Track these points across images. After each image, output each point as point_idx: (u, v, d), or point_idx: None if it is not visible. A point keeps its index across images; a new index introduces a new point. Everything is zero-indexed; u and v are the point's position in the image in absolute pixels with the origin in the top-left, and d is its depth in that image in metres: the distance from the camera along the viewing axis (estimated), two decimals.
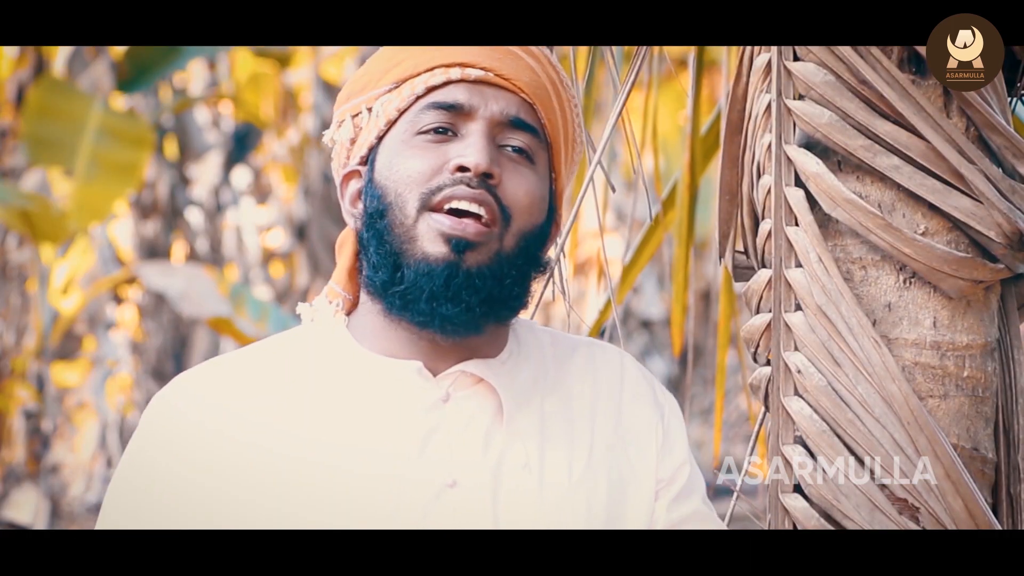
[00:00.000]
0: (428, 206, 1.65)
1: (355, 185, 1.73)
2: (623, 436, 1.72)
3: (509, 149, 1.68)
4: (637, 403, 1.75)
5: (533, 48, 1.74)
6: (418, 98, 1.69)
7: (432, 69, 1.69)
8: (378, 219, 1.67)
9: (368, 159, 1.72)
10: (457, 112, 1.68)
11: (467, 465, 1.64)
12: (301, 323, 1.76)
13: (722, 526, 1.76)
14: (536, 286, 1.73)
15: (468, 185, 1.64)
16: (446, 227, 1.64)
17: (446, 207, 1.64)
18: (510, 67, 1.70)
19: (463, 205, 1.64)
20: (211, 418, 1.65)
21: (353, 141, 1.73)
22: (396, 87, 1.70)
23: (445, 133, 1.67)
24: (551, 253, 1.80)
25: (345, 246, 1.74)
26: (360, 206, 1.71)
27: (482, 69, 1.69)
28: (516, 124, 1.69)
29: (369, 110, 1.71)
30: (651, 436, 1.74)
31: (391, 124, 1.70)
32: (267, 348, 1.74)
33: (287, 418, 1.65)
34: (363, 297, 1.72)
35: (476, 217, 1.64)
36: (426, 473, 1.63)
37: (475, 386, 1.68)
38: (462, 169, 1.65)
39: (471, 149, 1.65)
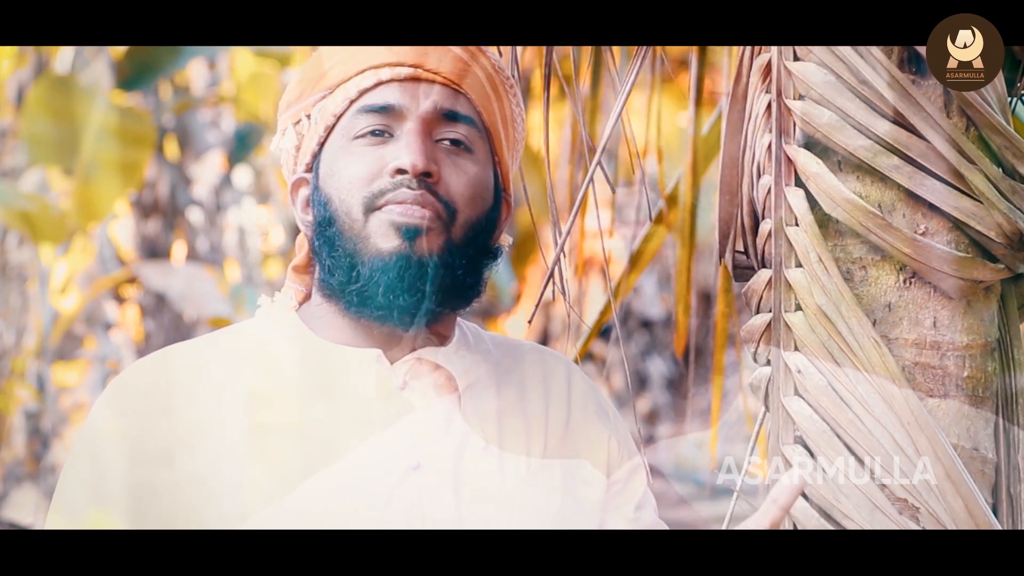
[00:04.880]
0: (372, 208, 1.66)
1: (304, 192, 1.74)
2: (574, 432, 1.75)
3: (446, 142, 1.69)
4: (585, 404, 1.79)
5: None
6: (352, 102, 1.69)
7: (362, 72, 1.69)
8: (327, 227, 1.68)
9: (312, 166, 1.72)
10: (390, 113, 1.68)
11: (429, 449, 1.66)
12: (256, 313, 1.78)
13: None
14: (490, 275, 1.74)
15: (409, 187, 1.65)
16: (395, 214, 1.64)
17: (387, 209, 1.66)
18: (437, 60, 1.70)
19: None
20: (171, 402, 1.65)
21: (298, 148, 1.74)
22: (331, 92, 1.71)
23: (381, 135, 1.68)
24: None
25: (303, 247, 1.76)
26: (311, 213, 1.72)
27: (410, 66, 1.69)
28: (450, 116, 1.69)
29: (308, 117, 1.72)
30: (601, 432, 1.77)
31: (329, 130, 1.70)
32: (224, 337, 1.74)
33: (245, 406, 1.65)
34: (316, 297, 1.74)
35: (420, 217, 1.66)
36: (390, 458, 1.64)
37: (431, 374, 1.70)
38: (400, 172, 1.65)
39: (406, 150, 1.66)
